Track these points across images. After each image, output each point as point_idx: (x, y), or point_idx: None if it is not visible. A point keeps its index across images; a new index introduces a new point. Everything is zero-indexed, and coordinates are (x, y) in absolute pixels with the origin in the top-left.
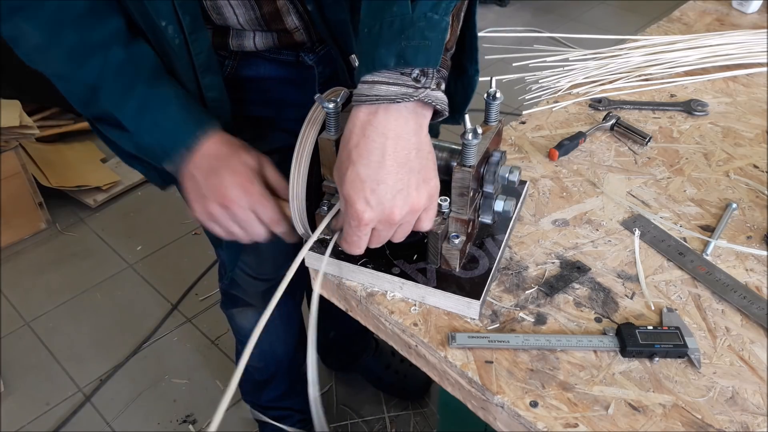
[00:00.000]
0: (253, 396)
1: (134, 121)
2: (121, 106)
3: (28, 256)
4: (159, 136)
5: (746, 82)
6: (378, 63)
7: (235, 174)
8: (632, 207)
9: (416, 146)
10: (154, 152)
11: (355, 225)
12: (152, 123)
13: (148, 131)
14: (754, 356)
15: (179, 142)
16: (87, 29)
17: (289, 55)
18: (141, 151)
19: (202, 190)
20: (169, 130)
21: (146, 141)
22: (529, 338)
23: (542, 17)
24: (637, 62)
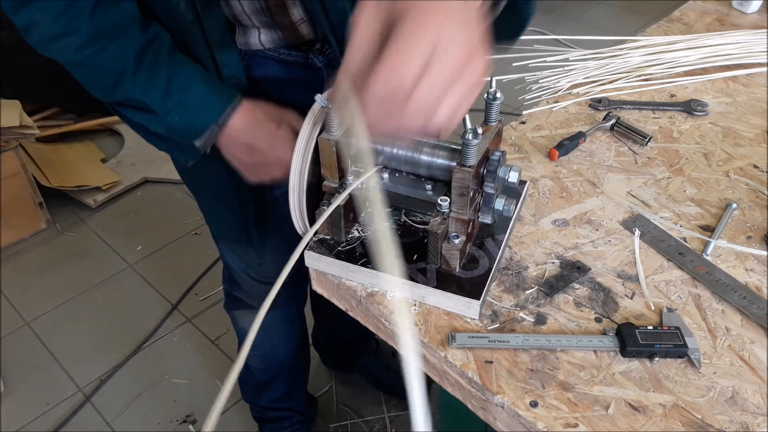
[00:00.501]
0: (253, 396)
1: (161, 103)
2: (146, 90)
3: (28, 256)
4: (188, 116)
5: (746, 82)
6: None
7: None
8: (632, 207)
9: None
10: (185, 131)
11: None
12: (179, 103)
13: (176, 112)
14: (754, 356)
15: (209, 119)
16: (102, 16)
17: (298, 57)
18: (170, 131)
19: (250, 168)
20: (197, 108)
21: (175, 122)
22: (529, 338)
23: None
24: (637, 62)
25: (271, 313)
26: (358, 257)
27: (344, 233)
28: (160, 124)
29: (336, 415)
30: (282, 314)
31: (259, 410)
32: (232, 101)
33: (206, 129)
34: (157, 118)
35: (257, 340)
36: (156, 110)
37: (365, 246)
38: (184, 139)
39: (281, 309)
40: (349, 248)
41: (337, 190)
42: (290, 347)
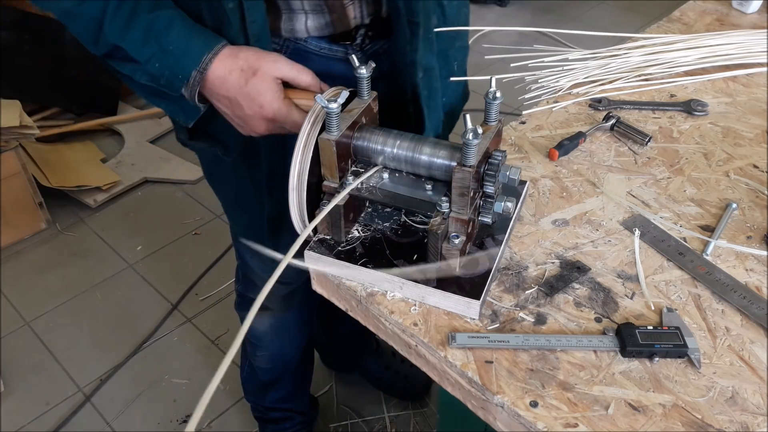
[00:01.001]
0: (256, 396)
1: (140, 49)
2: (125, 36)
3: (28, 256)
4: (169, 62)
5: (746, 82)
6: None
7: (254, 108)
8: (632, 207)
9: None
10: (167, 79)
11: None
12: (158, 49)
13: (156, 58)
14: (754, 356)
15: (188, 65)
16: None
17: (337, 51)
18: (155, 80)
19: (236, 122)
20: (176, 53)
21: (156, 69)
22: (529, 338)
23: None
24: (637, 62)
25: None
26: (358, 257)
27: (344, 233)
28: (143, 73)
29: (336, 415)
30: (296, 316)
31: (261, 410)
32: (213, 47)
33: (188, 77)
34: (140, 66)
35: (266, 340)
36: (135, 57)
37: (365, 246)
38: (169, 88)
39: (296, 311)
40: (349, 248)
41: (337, 190)
42: (297, 349)
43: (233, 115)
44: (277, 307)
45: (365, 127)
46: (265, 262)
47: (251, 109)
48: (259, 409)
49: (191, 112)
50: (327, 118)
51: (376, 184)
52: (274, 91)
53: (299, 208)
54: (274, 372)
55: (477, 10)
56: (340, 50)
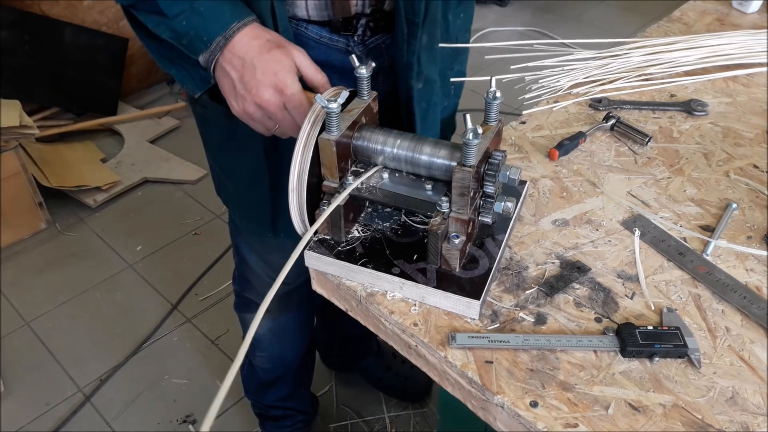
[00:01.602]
0: (256, 395)
1: (171, 4)
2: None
3: (28, 256)
4: (196, 22)
5: (746, 82)
6: None
7: (268, 74)
8: (632, 207)
9: None
10: (190, 39)
11: None
12: (189, 7)
13: (185, 16)
14: (754, 356)
15: (216, 29)
16: None
17: (339, 41)
18: (177, 38)
19: (238, 88)
20: (207, 15)
21: (183, 26)
22: (529, 338)
23: (542, 17)
24: (637, 62)
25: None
26: (358, 257)
27: (344, 233)
28: (167, 28)
29: (336, 415)
30: (295, 318)
31: (262, 408)
32: (243, 18)
33: (212, 40)
34: (166, 21)
35: (266, 342)
36: (164, 10)
37: (365, 246)
38: (189, 49)
39: (295, 313)
40: (349, 248)
41: (337, 190)
42: (298, 350)
43: (240, 78)
44: (276, 310)
45: (365, 127)
46: (264, 258)
47: (264, 74)
48: (260, 406)
49: (201, 82)
50: (327, 117)
51: (376, 184)
52: (292, 67)
53: (299, 208)
54: (274, 372)
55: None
56: (341, 41)
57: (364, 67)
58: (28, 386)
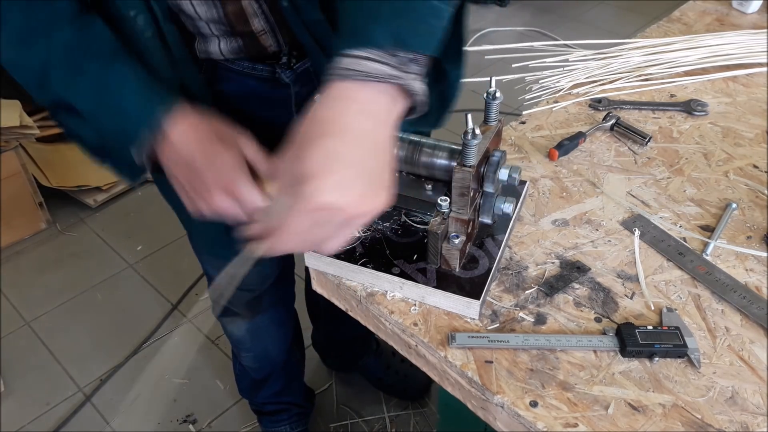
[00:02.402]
0: (250, 393)
1: (89, 103)
2: (72, 88)
3: (29, 256)
4: (118, 119)
5: (746, 82)
6: (371, 40)
7: (218, 177)
8: (632, 207)
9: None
10: (117, 137)
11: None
12: (109, 104)
13: (105, 113)
14: (754, 356)
15: (140, 122)
16: (33, 10)
17: (263, 71)
18: (103, 138)
19: (188, 190)
20: (128, 109)
21: (106, 125)
22: (528, 338)
23: (542, 17)
24: (637, 62)
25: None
26: (358, 257)
27: None
28: (90, 129)
29: (336, 414)
30: (270, 317)
31: (257, 405)
32: (166, 104)
33: (138, 134)
34: (86, 123)
35: (248, 343)
36: (82, 111)
37: (365, 246)
38: (118, 147)
39: (269, 313)
40: (349, 248)
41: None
42: (282, 347)
43: (188, 183)
44: (245, 313)
45: None
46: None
47: (211, 179)
48: (255, 403)
49: (134, 171)
50: None
51: None
52: (240, 163)
53: None
54: (263, 370)
55: (477, 10)
56: (266, 69)
57: None
58: (29, 386)
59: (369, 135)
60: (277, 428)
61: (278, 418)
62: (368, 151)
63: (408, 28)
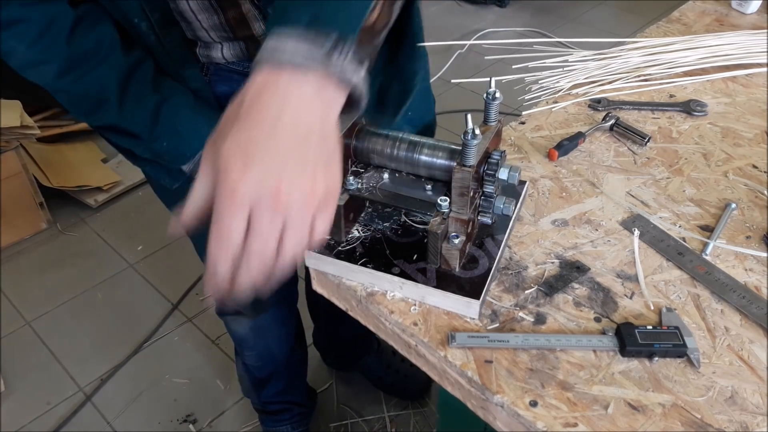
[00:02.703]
0: (253, 393)
1: (149, 130)
2: (132, 118)
3: (29, 256)
4: (177, 142)
5: (745, 82)
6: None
7: None
8: (631, 207)
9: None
10: (172, 157)
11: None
12: (168, 130)
13: (165, 138)
14: (754, 356)
15: (198, 145)
16: (79, 41)
17: None
18: (157, 156)
19: None
20: (186, 134)
21: (163, 148)
22: (528, 338)
23: (542, 17)
24: (637, 63)
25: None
26: (358, 257)
27: (344, 233)
28: (146, 150)
29: (336, 414)
30: (273, 316)
31: (260, 404)
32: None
33: (194, 154)
34: (144, 143)
35: (251, 341)
36: (143, 137)
37: (365, 246)
38: (171, 164)
39: (272, 311)
40: (349, 248)
41: None
42: (285, 345)
43: None
44: (250, 313)
45: (365, 129)
46: None
47: None
48: (258, 404)
49: (178, 176)
50: None
51: (376, 184)
52: None
53: None
54: (265, 369)
55: (476, 10)
56: None
57: None
58: (29, 386)
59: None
60: (279, 427)
61: (280, 418)
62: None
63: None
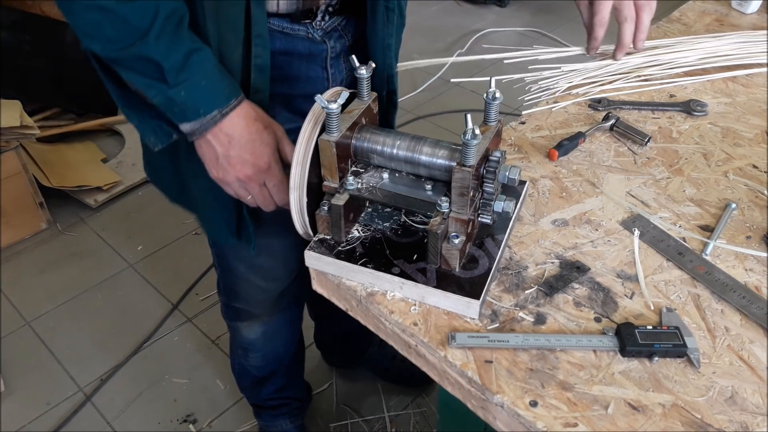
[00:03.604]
0: (252, 391)
1: (176, 73)
2: (167, 57)
3: (29, 256)
4: (196, 94)
5: (745, 82)
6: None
7: (254, 154)
8: (632, 207)
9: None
10: (184, 109)
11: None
12: (192, 79)
13: (185, 86)
14: (754, 356)
15: (215, 103)
16: None
17: (299, 29)
18: (169, 104)
19: (221, 161)
20: (208, 89)
21: (181, 96)
22: (528, 338)
23: (542, 18)
24: (637, 63)
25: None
26: (358, 257)
27: (344, 233)
28: (160, 94)
29: (336, 414)
30: (285, 317)
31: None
32: (239, 95)
33: (208, 113)
34: (162, 87)
35: (259, 345)
36: (168, 79)
37: (365, 246)
38: (179, 116)
39: (285, 313)
40: (349, 248)
41: (337, 190)
42: (291, 345)
43: (224, 154)
44: (266, 314)
45: (365, 128)
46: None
47: (250, 154)
48: (256, 402)
49: (164, 137)
50: (327, 118)
51: (376, 184)
52: (275, 147)
53: (300, 208)
54: (267, 368)
55: (476, 10)
56: (302, 29)
57: (365, 67)
58: (29, 386)
59: None
60: (277, 422)
61: (279, 412)
62: None
63: None
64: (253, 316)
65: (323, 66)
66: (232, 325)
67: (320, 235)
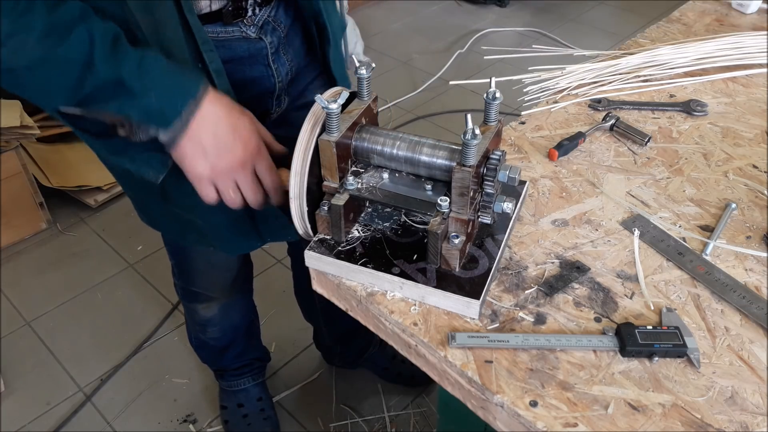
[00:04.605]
0: (213, 360)
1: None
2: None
3: (29, 256)
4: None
5: (745, 82)
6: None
7: (241, 138)
8: (632, 207)
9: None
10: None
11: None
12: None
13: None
14: (754, 356)
15: (187, 94)
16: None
17: (233, 31)
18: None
19: (209, 151)
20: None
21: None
22: (528, 338)
23: (542, 18)
24: (637, 63)
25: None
26: (358, 257)
27: (344, 233)
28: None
29: (336, 414)
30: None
31: (220, 367)
32: (203, 80)
33: (185, 105)
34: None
35: (216, 320)
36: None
37: (365, 246)
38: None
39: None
40: (349, 248)
41: (337, 190)
42: (247, 315)
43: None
44: (225, 296)
45: (365, 128)
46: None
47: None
48: (219, 369)
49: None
50: (327, 118)
51: (376, 184)
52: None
53: (300, 207)
54: (225, 339)
55: (476, 10)
56: (236, 30)
57: (365, 67)
58: (29, 386)
59: None
60: (239, 380)
61: (241, 372)
62: None
63: None
64: (212, 299)
65: (266, 64)
66: (190, 306)
67: (320, 235)
